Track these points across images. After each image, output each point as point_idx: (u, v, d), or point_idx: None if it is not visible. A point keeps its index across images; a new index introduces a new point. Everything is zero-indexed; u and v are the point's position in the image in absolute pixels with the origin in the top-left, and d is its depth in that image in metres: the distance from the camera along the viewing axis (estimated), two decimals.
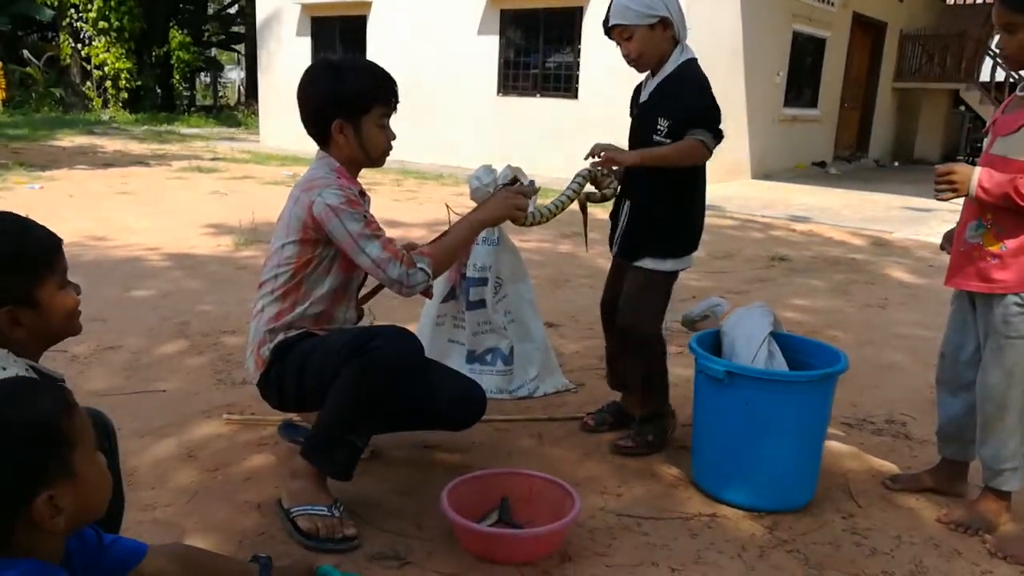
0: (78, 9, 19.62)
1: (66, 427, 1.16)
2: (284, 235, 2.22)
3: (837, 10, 13.23)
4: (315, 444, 2.16)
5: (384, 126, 2.29)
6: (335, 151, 2.27)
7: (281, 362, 2.21)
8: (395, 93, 2.28)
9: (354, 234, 2.12)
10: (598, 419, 2.89)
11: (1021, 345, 2.16)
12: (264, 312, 2.25)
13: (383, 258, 2.13)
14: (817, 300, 4.90)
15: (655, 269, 2.58)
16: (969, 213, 2.22)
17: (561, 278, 5.25)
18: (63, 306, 1.49)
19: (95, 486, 1.21)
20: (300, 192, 2.21)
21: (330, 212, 2.12)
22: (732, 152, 10.98)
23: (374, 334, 2.13)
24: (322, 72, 2.26)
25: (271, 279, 2.25)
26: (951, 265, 2.29)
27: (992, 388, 2.21)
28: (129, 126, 17.76)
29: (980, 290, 2.20)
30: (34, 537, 1.15)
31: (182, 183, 9.17)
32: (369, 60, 2.35)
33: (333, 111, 2.22)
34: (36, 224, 1.49)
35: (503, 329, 3.23)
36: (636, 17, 2.43)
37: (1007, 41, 2.07)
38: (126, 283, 4.67)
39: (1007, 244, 2.11)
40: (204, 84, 33.94)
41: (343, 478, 2.16)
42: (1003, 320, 2.16)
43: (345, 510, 2.15)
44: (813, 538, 2.22)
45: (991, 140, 2.17)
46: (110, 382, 3.15)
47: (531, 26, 11.58)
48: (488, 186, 3.07)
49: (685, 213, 2.59)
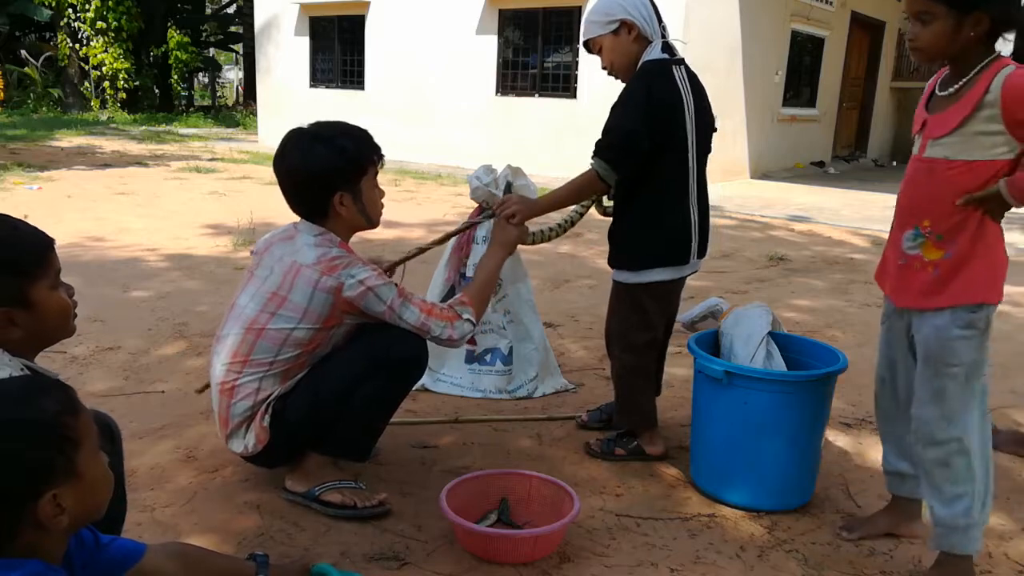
0: (76, 9, 19.59)
1: (72, 427, 1.16)
2: (296, 318, 2.10)
3: (835, 9, 13.24)
4: (340, 442, 2.25)
5: (377, 185, 2.27)
6: (334, 223, 2.20)
7: (283, 419, 2.17)
8: (379, 148, 2.26)
9: (391, 305, 2.13)
10: (593, 417, 2.90)
11: (961, 374, 1.87)
12: (260, 391, 2.16)
13: (423, 320, 2.17)
14: (816, 300, 4.90)
15: (621, 281, 2.58)
16: (903, 221, 1.96)
17: (561, 278, 5.25)
18: (57, 306, 1.49)
19: (97, 487, 1.22)
20: (309, 271, 2.10)
21: (365, 290, 2.10)
22: (731, 152, 10.99)
23: (384, 343, 2.16)
24: (312, 145, 2.16)
25: (266, 356, 2.13)
26: (888, 283, 2.04)
27: (930, 423, 1.92)
28: (127, 126, 17.75)
29: (920, 306, 1.92)
30: (38, 537, 1.15)
31: (180, 183, 9.16)
32: (340, 121, 2.26)
33: (335, 183, 2.15)
34: (26, 224, 1.50)
35: (502, 329, 3.23)
36: (598, 27, 2.44)
37: (919, 31, 1.81)
38: (124, 284, 4.66)
39: (950, 252, 1.86)
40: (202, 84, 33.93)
41: (364, 460, 2.35)
42: (940, 344, 1.88)
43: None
44: (812, 538, 2.22)
45: (923, 143, 1.91)
46: (109, 383, 3.15)
47: (530, 26, 11.58)
48: (488, 185, 3.07)
49: (649, 225, 2.48)
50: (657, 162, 2.41)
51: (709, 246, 2.63)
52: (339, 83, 13.80)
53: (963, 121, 1.81)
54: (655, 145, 2.37)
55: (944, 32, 1.78)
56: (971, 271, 1.86)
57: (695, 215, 2.50)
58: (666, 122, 2.37)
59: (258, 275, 2.20)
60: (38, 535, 1.15)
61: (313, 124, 2.24)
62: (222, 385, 2.18)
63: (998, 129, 1.78)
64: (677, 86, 2.40)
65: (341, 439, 2.24)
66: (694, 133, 2.43)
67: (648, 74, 2.40)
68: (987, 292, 1.86)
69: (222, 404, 2.20)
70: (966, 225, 1.85)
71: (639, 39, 2.42)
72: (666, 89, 2.38)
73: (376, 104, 12.87)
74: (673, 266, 2.51)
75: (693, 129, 2.43)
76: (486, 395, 3.17)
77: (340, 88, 13.76)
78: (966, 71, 1.82)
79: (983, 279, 1.86)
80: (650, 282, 2.51)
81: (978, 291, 1.86)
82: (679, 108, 2.39)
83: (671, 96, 2.38)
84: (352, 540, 2.11)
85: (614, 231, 2.59)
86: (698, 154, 2.47)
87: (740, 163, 11.62)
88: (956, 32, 1.78)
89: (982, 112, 1.78)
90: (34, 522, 1.13)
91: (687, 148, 2.43)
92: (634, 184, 2.47)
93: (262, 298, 2.15)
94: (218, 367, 2.20)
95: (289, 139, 2.21)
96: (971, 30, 1.76)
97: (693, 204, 2.49)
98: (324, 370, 2.18)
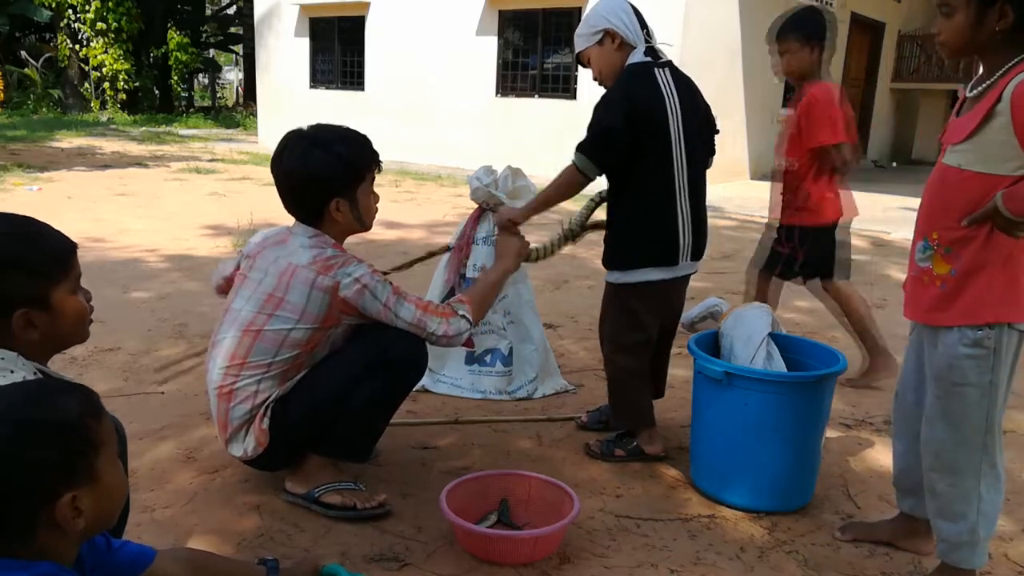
0: (76, 10, 19.61)
1: (94, 430, 1.17)
2: (294, 318, 2.10)
3: (835, 10, 13.23)
4: (339, 443, 2.25)
5: (373, 191, 2.26)
6: (329, 227, 2.20)
7: (282, 422, 2.16)
8: (378, 155, 2.25)
9: (386, 303, 2.13)
10: (593, 418, 2.90)
11: (971, 395, 1.79)
12: (259, 393, 2.15)
13: (419, 317, 2.17)
14: (815, 301, 4.89)
15: (611, 282, 2.60)
16: (918, 230, 1.88)
17: (560, 279, 5.26)
18: (75, 310, 1.49)
19: (114, 492, 1.22)
20: (305, 271, 2.09)
21: (361, 288, 2.10)
22: (731, 152, 10.99)
23: (383, 343, 2.16)
24: (311, 150, 2.14)
25: (264, 358, 2.12)
26: (905, 293, 1.96)
27: (937, 444, 1.86)
28: (127, 127, 17.76)
29: (926, 322, 1.87)
30: (52, 539, 1.15)
31: (180, 184, 9.17)
32: (339, 125, 2.24)
33: (334, 188, 2.15)
34: (52, 227, 1.51)
35: (502, 330, 3.23)
36: (584, 40, 2.51)
37: (943, 25, 1.74)
38: (125, 284, 4.66)
39: (956, 268, 1.77)
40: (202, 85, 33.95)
41: (364, 461, 2.35)
42: (948, 363, 1.80)
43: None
44: (812, 539, 2.22)
45: (943, 147, 1.84)
46: (109, 384, 3.15)
47: (529, 27, 11.59)
48: (488, 186, 3.07)
49: (635, 225, 2.49)
50: (641, 162, 2.43)
51: (708, 247, 2.63)
52: (339, 84, 13.80)
53: (976, 127, 1.70)
54: (635, 142, 2.38)
55: (966, 25, 1.70)
56: (978, 287, 1.75)
57: (685, 216, 2.47)
58: (645, 121, 2.39)
59: (252, 278, 2.19)
60: (53, 537, 1.15)
61: (312, 127, 2.21)
62: (220, 389, 2.17)
63: (1011, 140, 1.64)
64: (657, 86, 2.42)
65: (340, 440, 2.24)
66: (680, 134, 2.43)
67: (627, 75, 2.45)
68: (998, 311, 1.74)
69: (220, 408, 2.18)
70: (974, 238, 1.73)
71: (623, 46, 2.48)
72: (644, 89, 2.41)
73: (376, 105, 12.88)
74: (661, 266, 2.50)
75: (679, 130, 2.43)
76: (486, 396, 3.17)
77: (340, 89, 13.76)
78: (994, 71, 1.69)
79: (993, 297, 1.74)
80: (638, 282, 2.51)
81: (987, 310, 1.75)
82: (659, 108, 2.41)
83: (649, 96, 2.41)
84: (352, 541, 2.11)
85: (606, 233, 2.61)
86: (688, 154, 2.45)
87: (740, 164, 11.62)
88: (979, 25, 1.68)
89: (995, 120, 1.66)
90: (51, 523, 1.13)
91: (670, 147, 2.43)
92: (621, 185, 2.51)
93: (258, 300, 2.14)
94: (215, 371, 2.19)
95: (288, 142, 2.19)
96: (995, 23, 1.66)
97: (683, 205, 2.47)
98: (323, 371, 2.17)
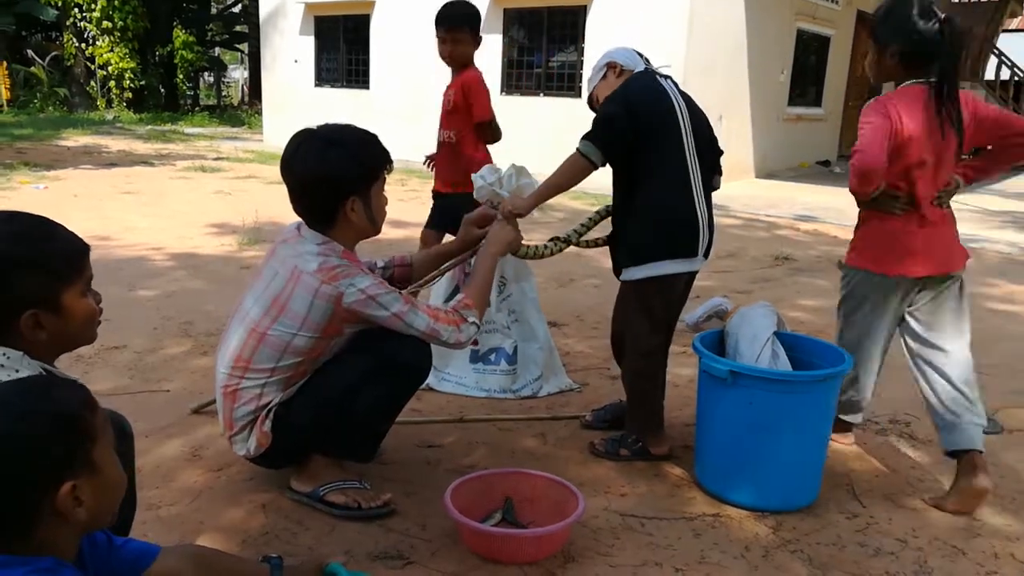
0: (82, 9, 19.66)
1: (89, 421, 1.18)
2: (296, 326, 2.08)
3: (841, 8, 13.20)
4: (343, 444, 2.26)
5: (384, 190, 2.24)
6: (341, 231, 2.15)
7: (285, 424, 2.17)
8: (389, 154, 2.22)
9: (397, 314, 2.12)
10: (597, 416, 2.90)
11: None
12: (263, 396, 2.16)
13: (432, 326, 2.16)
14: (822, 300, 4.88)
15: (629, 280, 2.57)
16: None
17: (565, 277, 5.25)
18: (85, 312, 1.49)
19: (113, 485, 1.23)
20: (309, 278, 2.07)
21: (367, 299, 2.08)
22: (736, 151, 10.95)
23: (387, 347, 2.15)
24: (326, 149, 2.09)
25: (268, 363, 2.12)
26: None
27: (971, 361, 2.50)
28: (133, 125, 17.80)
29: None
30: (53, 533, 1.16)
31: (186, 183, 9.19)
32: (349, 124, 2.20)
33: (351, 187, 2.11)
34: (65, 228, 1.51)
35: (507, 329, 3.23)
36: (593, 81, 2.69)
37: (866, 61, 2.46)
38: (130, 283, 4.68)
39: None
40: (208, 84, 33.98)
41: (368, 462, 2.36)
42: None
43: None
44: (817, 538, 2.22)
45: None
46: (115, 382, 3.16)
47: (535, 25, 11.56)
48: (493, 185, 3.06)
49: (656, 215, 2.48)
50: (655, 154, 2.45)
51: (714, 246, 2.63)
52: (344, 83, 13.80)
53: None
54: (643, 133, 2.41)
55: (874, 60, 2.41)
56: None
57: (702, 206, 2.49)
58: (648, 110, 2.44)
59: (264, 275, 2.19)
60: (53, 530, 1.15)
61: (323, 127, 2.17)
62: (225, 388, 2.18)
63: None
64: (660, 85, 2.52)
65: (344, 442, 2.25)
66: (689, 129, 2.48)
67: (628, 79, 2.57)
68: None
69: (225, 407, 2.20)
70: None
71: (623, 73, 2.61)
72: (644, 83, 2.52)
73: (381, 103, 12.87)
74: (682, 258, 2.50)
75: (687, 126, 2.48)
76: (491, 394, 3.17)
77: (345, 88, 13.76)
78: None
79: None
80: (661, 275, 2.49)
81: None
82: (663, 99, 2.48)
83: (649, 88, 2.51)
84: (356, 539, 2.11)
85: (619, 232, 2.60)
86: (698, 154, 2.49)
87: (745, 162, 11.60)
88: (879, 60, 2.38)
89: None
90: (53, 511, 1.14)
91: (681, 139, 2.46)
92: (638, 177, 2.49)
93: (265, 303, 2.14)
94: (221, 369, 2.20)
95: (300, 142, 2.13)
96: (888, 59, 2.34)
97: (699, 196, 2.49)
98: (327, 374, 2.18)
